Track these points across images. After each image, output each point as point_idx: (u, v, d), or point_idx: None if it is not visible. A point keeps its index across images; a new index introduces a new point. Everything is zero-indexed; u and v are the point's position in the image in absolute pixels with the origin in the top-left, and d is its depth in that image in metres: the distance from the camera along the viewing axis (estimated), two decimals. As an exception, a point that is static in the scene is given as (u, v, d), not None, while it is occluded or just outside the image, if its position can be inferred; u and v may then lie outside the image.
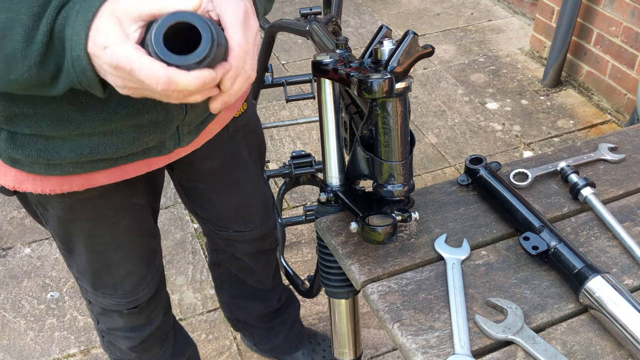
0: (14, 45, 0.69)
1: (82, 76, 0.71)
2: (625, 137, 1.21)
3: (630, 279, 0.92)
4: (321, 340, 1.92)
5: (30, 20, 0.68)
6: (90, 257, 1.19)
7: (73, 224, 1.12)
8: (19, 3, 0.68)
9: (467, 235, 1.00)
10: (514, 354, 0.81)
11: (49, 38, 0.69)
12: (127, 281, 1.26)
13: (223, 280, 1.65)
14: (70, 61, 0.70)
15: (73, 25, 0.69)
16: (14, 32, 0.68)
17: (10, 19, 0.68)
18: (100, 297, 1.28)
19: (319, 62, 0.96)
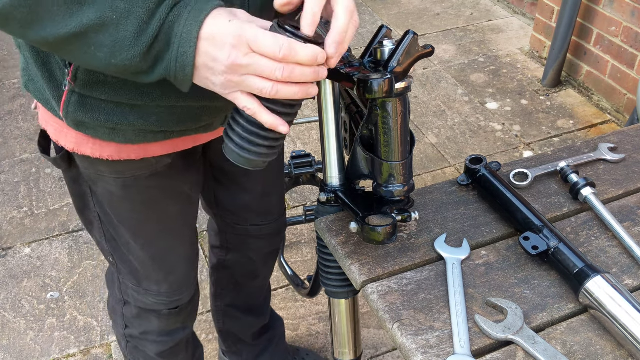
0: (125, 34, 0.73)
1: (180, 72, 0.76)
2: (625, 137, 1.21)
3: (630, 279, 0.92)
4: (305, 355, 1.92)
5: (145, 14, 0.73)
6: (138, 245, 1.18)
7: (123, 203, 1.12)
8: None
9: (467, 235, 1.00)
10: (514, 354, 0.81)
11: (158, 32, 0.74)
12: (172, 278, 1.26)
13: (223, 286, 1.63)
14: (174, 56, 0.75)
15: (185, 23, 0.74)
16: (128, 22, 0.73)
17: (127, 9, 0.73)
18: (142, 295, 1.27)
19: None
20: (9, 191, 2.53)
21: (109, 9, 0.73)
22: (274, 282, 2.15)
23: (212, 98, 0.93)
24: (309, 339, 2.01)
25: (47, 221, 2.40)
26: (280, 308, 2.07)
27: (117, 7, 0.73)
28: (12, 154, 2.73)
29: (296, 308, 2.09)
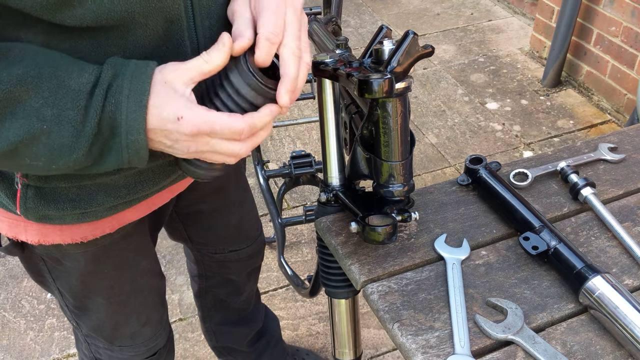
0: (61, 140, 0.68)
1: (134, 156, 0.71)
2: (625, 137, 1.21)
3: (630, 279, 0.92)
4: (305, 355, 1.91)
5: (78, 115, 0.67)
6: (110, 309, 1.12)
7: (95, 275, 1.05)
8: (64, 97, 0.67)
9: (467, 235, 1.00)
10: (514, 354, 0.81)
11: (98, 129, 0.68)
12: (146, 329, 1.20)
13: (209, 308, 1.60)
14: (124, 144, 0.69)
15: (127, 111, 0.68)
16: (61, 129, 0.67)
17: (57, 115, 0.66)
18: (117, 352, 1.21)
19: (319, 62, 0.96)
20: (9, 191, 2.53)
21: (36, 119, 0.66)
22: (273, 282, 2.15)
23: None
24: (309, 339, 2.01)
25: (47, 221, 2.39)
26: (280, 308, 2.07)
27: (44, 115, 0.66)
28: (12, 154, 2.72)
29: (296, 308, 2.09)
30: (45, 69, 0.67)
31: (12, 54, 0.67)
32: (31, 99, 0.66)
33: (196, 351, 1.95)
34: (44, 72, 0.67)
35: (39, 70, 0.66)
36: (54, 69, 0.67)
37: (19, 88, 0.65)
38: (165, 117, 0.69)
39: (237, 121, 0.69)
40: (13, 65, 0.65)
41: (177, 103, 0.69)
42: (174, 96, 0.69)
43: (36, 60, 0.67)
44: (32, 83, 0.66)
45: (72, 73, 0.68)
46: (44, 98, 0.66)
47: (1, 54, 0.66)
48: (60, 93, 0.67)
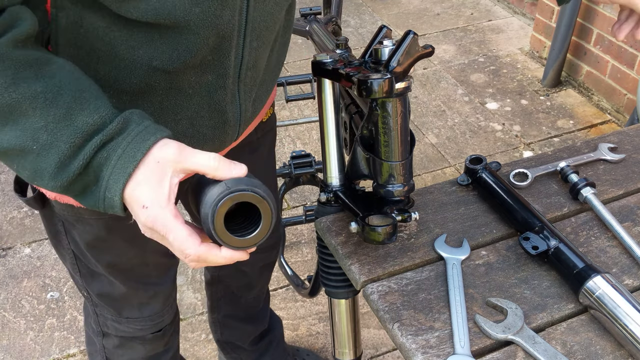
0: (45, 166, 0.69)
1: (109, 209, 0.72)
2: (625, 137, 1.21)
3: (630, 279, 0.92)
4: (305, 356, 1.91)
5: (68, 150, 0.68)
6: (120, 277, 1.14)
7: (105, 243, 1.07)
8: (63, 130, 0.68)
9: (467, 235, 1.00)
10: (514, 354, 0.81)
11: (83, 170, 0.69)
12: (153, 301, 1.22)
13: (219, 298, 1.60)
14: (102, 196, 0.70)
15: (112, 170, 0.69)
16: (49, 155, 0.68)
17: (49, 142, 0.68)
18: (124, 324, 1.23)
19: (319, 62, 0.97)
20: (9, 191, 2.53)
21: (30, 138, 0.68)
22: (273, 282, 2.15)
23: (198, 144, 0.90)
24: (309, 339, 2.01)
25: (47, 221, 2.40)
26: (280, 308, 2.07)
27: (38, 137, 0.68)
28: (12, 154, 2.73)
29: (296, 308, 2.09)
30: (64, 95, 0.69)
31: (46, 68, 0.69)
32: (35, 118, 0.68)
33: (196, 351, 1.95)
34: (61, 98, 0.68)
35: (57, 93, 0.68)
36: (71, 98, 0.69)
37: (29, 104, 0.67)
38: (135, 198, 0.69)
39: (189, 247, 0.69)
40: (37, 80, 0.68)
41: (153, 191, 0.69)
42: (156, 182, 0.69)
43: (62, 82, 0.69)
44: (43, 104, 0.68)
45: (85, 110, 0.69)
46: (46, 122, 0.68)
47: (37, 65, 0.69)
48: (62, 124, 0.68)
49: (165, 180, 0.69)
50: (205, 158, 0.70)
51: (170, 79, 0.85)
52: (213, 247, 0.70)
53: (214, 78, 0.87)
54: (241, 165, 0.71)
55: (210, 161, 0.69)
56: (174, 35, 0.78)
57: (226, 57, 0.85)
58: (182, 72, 0.84)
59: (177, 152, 0.70)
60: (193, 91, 0.88)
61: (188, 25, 0.77)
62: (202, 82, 0.87)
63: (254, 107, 1.01)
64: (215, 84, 0.88)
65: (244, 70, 0.90)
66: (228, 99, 0.92)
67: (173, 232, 0.68)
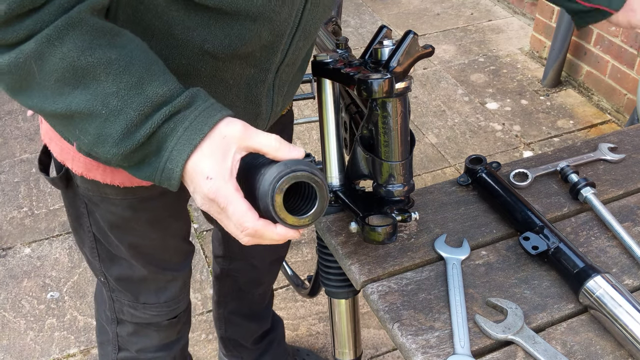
0: (111, 131, 0.70)
1: (165, 181, 0.73)
2: (625, 137, 1.21)
3: (630, 279, 0.92)
4: (305, 356, 1.91)
5: (137, 117, 0.70)
6: (140, 261, 1.15)
7: (128, 223, 1.09)
8: (134, 97, 0.70)
9: (467, 235, 1.00)
10: (514, 354, 0.81)
11: (147, 139, 0.71)
12: (171, 286, 1.23)
13: (226, 294, 1.62)
14: (161, 166, 0.72)
15: (177, 141, 0.71)
16: (117, 121, 0.70)
17: (119, 108, 0.69)
18: (140, 310, 1.23)
19: (319, 62, 0.97)
20: (9, 191, 2.53)
21: (101, 102, 0.70)
22: (274, 282, 2.15)
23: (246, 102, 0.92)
24: (309, 339, 2.01)
25: (47, 221, 2.40)
26: (280, 308, 2.07)
27: (108, 102, 0.70)
28: (12, 154, 2.73)
29: (296, 308, 2.09)
30: (136, 65, 0.70)
31: (118, 39, 0.71)
32: (107, 83, 0.69)
33: (196, 351, 1.95)
34: (133, 67, 0.70)
35: (130, 62, 0.70)
36: (143, 69, 0.71)
37: (103, 69, 0.69)
38: (199, 169, 0.71)
39: (248, 220, 0.70)
40: (111, 48, 0.70)
41: (217, 164, 0.70)
42: (221, 156, 0.71)
43: (133, 53, 0.71)
44: (117, 71, 0.69)
45: (155, 81, 0.71)
46: (118, 88, 0.69)
47: (110, 35, 0.71)
48: (133, 91, 0.70)
49: (229, 155, 0.70)
50: (268, 138, 0.72)
51: (215, 67, 0.86)
52: (269, 223, 0.71)
53: (256, 72, 0.90)
54: (299, 148, 0.73)
55: (272, 141, 0.71)
56: (230, 22, 0.80)
57: (274, 53, 0.87)
58: (229, 61, 0.86)
59: (242, 130, 0.71)
60: (234, 82, 0.90)
61: (247, 15, 0.78)
62: (244, 75, 0.89)
63: (283, 101, 1.04)
64: (256, 78, 0.91)
65: (284, 66, 0.93)
66: (264, 93, 0.94)
67: (234, 204, 0.70)
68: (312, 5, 0.85)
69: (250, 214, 0.70)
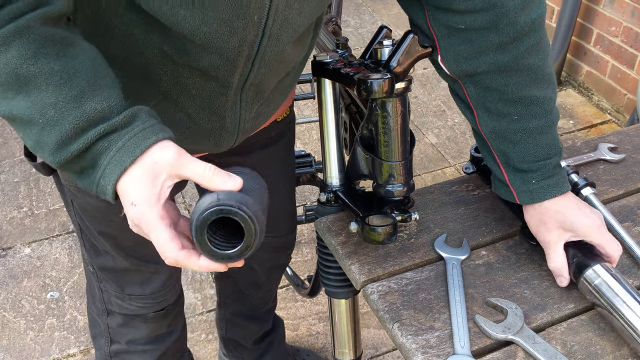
0: (47, 140, 0.70)
1: (101, 195, 0.73)
2: (625, 137, 1.21)
3: (630, 279, 0.92)
4: (305, 356, 1.91)
5: (71, 131, 0.69)
6: (121, 253, 1.15)
7: (105, 215, 1.09)
8: (71, 110, 0.69)
9: (467, 235, 1.00)
10: (514, 354, 0.81)
11: (81, 153, 0.71)
12: (155, 278, 1.23)
13: (227, 295, 1.62)
14: (96, 181, 0.72)
15: (110, 160, 0.70)
16: (52, 131, 0.70)
17: (55, 119, 0.69)
18: (127, 301, 1.24)
19: (319, 62, 0.97)
20: (9, 191, 2.53)
21: (39, 111, 0.70)
22: (274, 282, 2.15)
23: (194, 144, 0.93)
24: (309, 339, 2.01)
25: (47, 221, 2.40)
26: (280, 308, 2.07)
27: (46, 112, 0.70)
28: (12, 154, 2.73)
29: (296, 308, 2.09)
30: (80, 78, 0.70)
31: (69, 49, 0.71)
32: (47, 93, 0.69)
33: (196, 351, 1.95)
34: (75, 80, 0.70)
35: (73, 75, 0.70)
36: (86, 82, 0.70)
37: (44, 79, 0.69)
38: (126, 192, 0.71)
39: (168, 250, 0.71)
40: (57, 59, 0.69)
41: (144, 189, 0.70)
42: (150, 181, 0.70)
43: (81, 65, 0.71)
44: (58, 82, 0.69)
45: (96, 96, 0.70)
46: (57, 100, 0.69)
47: (60, 45, 0.70)
48: (71, 105, 0.69)
49: (158, 181, 0.70)
50: (201, 167, 0.71)
51: (177, 73, 0.86)
52: (193, 254, 0.71)
53: (217, 86, 0.89)
54: (236, 179, 0.71)
55: (205, 171, 0.71)
56: (190, 29, 0.79)
57: (230, 74, 0.86)
58: (189, 69, 0.85)
59: (174, 157, 0.71)
60: (196, 92, 0.89)
61: (194, 40, 0.79)
62: (206, 86, 0.88)
63: (256, 120, 1.02)
64: (217, 92, 0.90)
65: (248, 86, 0.91)
66: (229, 106, 0.93)
67: (156, 232, 0.70)
68: (269, 40, 0.83)
69: (172, 244, 0.70)
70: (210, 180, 0.70)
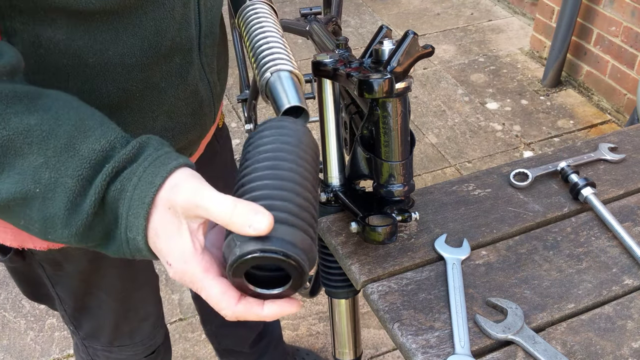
0: (55, 210, 0.59)
1: (136, 254, 0.61)
2: (625, 137, 1.21)
3: (630, 279, 0.92)
4: (305, 355, 1.90)
5: (76, 185, 0.58)
6: (112, 305, 1.11)
7: (97, 273, 1.03)
8: (66, 162, 0.58)
9: (467, 235, 1.00)
10: (514, 354, 0.81)
11: (98, 208, 0.59)
12: (144, 325, 1.20)
13: (208, 311, 1.56)
14: (124, 237, 0.60)
15: (130, 204, 0.58)
16: (56, 196, 0.58)
17: (53, 180, 0.58)
18: (116, 352, 1.20)
19: (319, 62, 0.96)
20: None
21: (31, 180, 0.57)
22: (274, 282, 2.15)
23: None
24: (309, 339, 2.01)
25: (47, 221, 2.39)
26: (280, 308, 2.07)
27: (40, 177, 0.57)
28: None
29: (296, 308, 2.09)
30: (63, 125, 0.59)
31: (38, 101, 0.60)
32: (32, 155, 0.58)
33: (196, 351, 1.95)
34: (60, 129, 0.59)
35: (55, 124, 0.59)
36: (72, 127, 0.60)
37: (22, 139, 0.58)
38: (157, 250, 0.60)
39: (224, 307, 0.60)
40: (30, 114, 0.59)
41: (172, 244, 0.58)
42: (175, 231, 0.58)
43: (59, 113, 0.60)
44: (39, 137, 0.58)
45: (90, 137, 0.60)
46: (46, 157, 0.58)
47: (28, 99, 0.60)
48: (64, 156, 0.58)
49: (183, 230, 0.58)
50: (219, 203, 0.56)
51: (144, 77, 0.80)
52: (253, 305, 0.60)
53: (181, 58, 0.84)
54: (265, 214, 0.54)
55: (224, 207, 0.55)
56: (139, 21, 0.73)
57: (189, 25, 0.82)
58: (155, 63, 0.80)
59: (187, 197, 0.57)
60: (166, 84, 0.84)
61: None
62: (172, 69, 0.83)
63: (220, 79, 1.02)
64: (183, 63, 0.85)
65: (203, 38, 0.88)
66: (197, 75, 0.90)
67: (205, 290, 0.60)
68: None
69: (226, 299, 0.59)
70: (231, 215, 0.55)
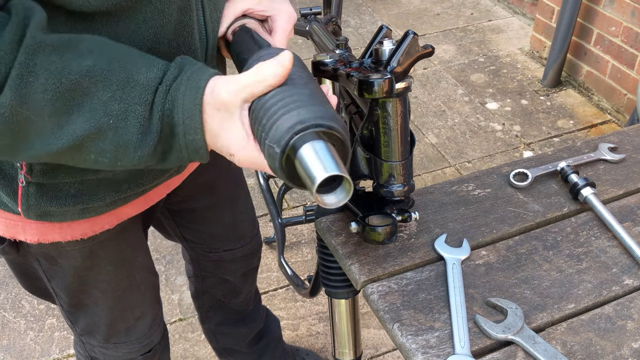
0: (128, 137, 0.66)
1: (194, 155, 0.70)
2: (625, 137, 1.21)
3: (630, 279, 0.92)
4: (305, 355, 1.91)
5: (145, 110, 0.66)
6: (107, 303, 1.12)
7: (92, 270, 1.04)
8: (132, 92, 0.65)
9: (467, 235, 1.00)
10: (514, 354, 0.81)
11: (163, 127, 0.67)
12: (140, 323, 1.20)
13: (207, 309, 1.59)
14: (182, 144, 0.68)
15: (183, 110, 0.66)
16: (128, 124, 0.66)
17: (124, 110, 0.65)
18: (112, 349, 1.21)
19: (319, 62, 0.96)
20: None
21: (103, 114, 0.65)
22: (273, 282, 2.15)
23: None
24: (309, 339, 2.01)
25: (47, 221, 2.39)
26: (280, 308, 2.07)
27: (111, 109, 0.65)
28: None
29: (296, 308, 2.09)
30: (115, 62, 0.66)
31: (81, 45, 0.66)
32: (99, 92, 0.64)
33: (196, 351, 1.95)
34: (113, 65, 0.65)
35: (108, 63, 0.65)
36: (123, 62, 0.66)
37: (88, 80, 0.64)
38: (218, 148, 0.69)
39: None
40: (83, 57, 0.64)
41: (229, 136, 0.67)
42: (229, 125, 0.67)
43: (105, 52, 0.66)
44: (101, 75, 0.64)
45: (141, 68, 0.67)
46: (112, 91, 0.65)
47: (72, 45, 0.65)
48: (128, 87, 0.65)
49: (235, 119, 0.67)
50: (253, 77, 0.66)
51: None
52: None
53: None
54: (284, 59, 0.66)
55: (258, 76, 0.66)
56: (138, 27, 0.75)
57: (190, 33, 0.83)
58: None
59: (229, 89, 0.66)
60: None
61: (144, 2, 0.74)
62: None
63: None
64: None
65: (210, 50, 0.88)
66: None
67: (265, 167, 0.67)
68: None
69: None
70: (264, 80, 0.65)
